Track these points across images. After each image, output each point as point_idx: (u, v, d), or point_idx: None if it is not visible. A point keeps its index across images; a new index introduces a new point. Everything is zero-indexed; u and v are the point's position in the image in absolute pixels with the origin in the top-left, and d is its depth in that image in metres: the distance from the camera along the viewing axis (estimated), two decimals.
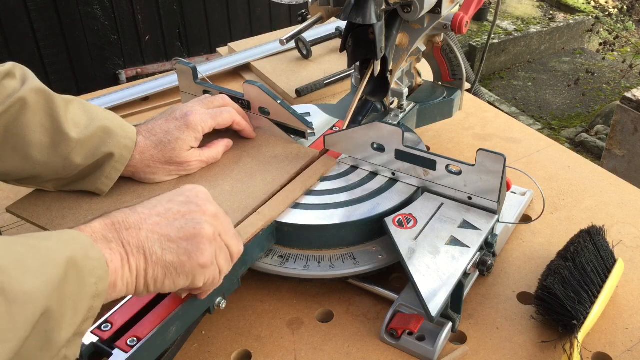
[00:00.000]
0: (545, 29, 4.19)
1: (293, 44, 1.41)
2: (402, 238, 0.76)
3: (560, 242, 0.84)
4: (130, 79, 3.09)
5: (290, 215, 0.80)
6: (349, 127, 0.93)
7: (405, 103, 1.04)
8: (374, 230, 0.81)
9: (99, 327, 0.64)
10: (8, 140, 0.75)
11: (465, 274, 0.73)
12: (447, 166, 0.80)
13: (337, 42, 1.43)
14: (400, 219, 0.79)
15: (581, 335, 0.73)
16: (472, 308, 0.80)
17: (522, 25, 4.47)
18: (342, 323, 0.79)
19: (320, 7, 0.96)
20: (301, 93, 1.26)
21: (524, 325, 0.78)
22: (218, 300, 0.73)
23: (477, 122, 1.20)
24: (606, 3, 4.92)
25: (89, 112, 0.81)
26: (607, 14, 4.83)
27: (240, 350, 0.76)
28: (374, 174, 0.87)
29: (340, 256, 0.81)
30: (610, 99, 3.65)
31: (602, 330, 0.76)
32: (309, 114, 1.02)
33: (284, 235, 0.80)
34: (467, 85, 1.37)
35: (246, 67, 1.42)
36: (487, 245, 0.77)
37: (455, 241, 0.75)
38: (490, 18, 4.46)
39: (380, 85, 0.97)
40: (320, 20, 0.98)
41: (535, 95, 3.76)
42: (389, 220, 0.78)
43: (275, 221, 0.79)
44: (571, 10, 4.76)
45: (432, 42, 1.04)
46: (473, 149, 1.02)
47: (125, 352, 0.62)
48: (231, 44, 1.52)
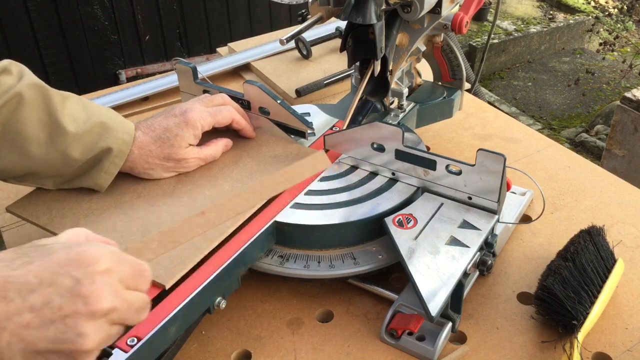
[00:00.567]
0: (545, 29, 4.19)
1: (293, 44, 1.41)
2: (402, 238, 0.76)
3: (560, 242, 0.84)
4: (130, 79, 3.09)
5: (290, 215, 0.80)
6: (349, 127, 0.93)
7: (405, 103, 1.04)
8: (374, 230, 0.81)
9: None
10: (5, 137, 0.75)
11: (465, 274, 0.73)
12: (447, 166, 0.80)
13: (337, 42, 1.43)
14: (400, 219, 0.79)
15: (581, 335, 0.73)
16: (472, 308, 0.80)
17: (522, 25, 4.47)
18: (342, 323, 0.79)
19: (320, 7, 0.96)
20: (301, 93, 1.26)
21: (524, 325, 0.78)
22: (218, 300, 0.73)
23: (477, 122, 1.20)
24: (606, 3, 4.92)
25: (87, 108, 0.80)
26: (607, 14, 4.83)
27: (240, 350, 0.76)
28: (374, 174, 0.87)
29: (340, 256, 0.81)
30: (610, 99, 3.65)
31: (602, 330, 0.76)
32: (309, 114, 1.02)
33: (284, 235, 0.80)
34: (467, 85, 1.37)
35: (246, 67, 1.42)
36: (487, 245, 0.77)
37: (455, 241, 0.75)
38: (490, 18, 4.47)
39: (380, 85, 0.97)
40: (320, 20, 0.98)
41: (535, 95, 3.76)
42: (389, 220, 0.78)
43: (275, 221, 0.79)
44: (571, 10, 4.76)
45: (432, 42, 1.04)
46: (473, 149, 1.02)
47: (125, 352, 0.62)
48: (231, 44, 1.52)
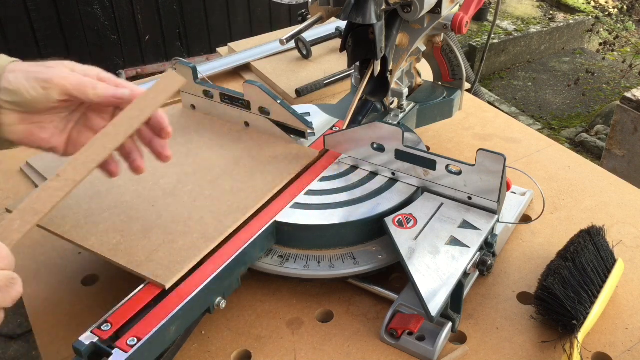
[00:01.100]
0: (545, 29, 4.19)
1: (293, 44, 1.41)
2: (402, 238, 0.76)
3: (560, 242, 0.84)
4: (130, 79, 3.09)
5: (290, 215, 0.80)
6: (349, 127, 0.93)
7: (405, 103, 1.04)
8: (374, 230, 0.81)
9: (99, 327, 0.64)
10: None
11: (465, 274, 0.73)
12: (447, 166, 0.80)
13: (337, 42, 1.43)
14: (400, 219, 0.79)
15: (581, 335, 0.73)
16: (472, 308, 0.80)
17: (522, 25, 4.47)
18: (342, 323, 0.79)
19: (320, 7, 0.96)
20: (301, 93, 1.26)
21: (524, 325, 0.78)
22: (218, 300, 0.73)
23: (477, 122, 1.20)
24: (606, 3, 4.92)
25: None
26: (607, 14, 4.83)
27: (240, 350, 0.76)
28: (374, 174, 0.87)
29: (340, 256, 0.81)
30: (610, 99, 3.65)
31: (602, 330, 0.76)
32: (309, 114, 1.02)
33: (284, 235, 0.80)
34: (467, 85, 1.37)
35: (246, 67, 1.42)
36: (487, 245, 0.77)
37: (455, 241, 0.75)
38: (490, 18, 4.46)
39: (380, 85, 0.97)
40: (320, 20, 0.98)
41: (535, 95, 3.76)
42: (389, 220, 0.78)
43: (275, 221, 0.79)
44: (571, 10, 4.76)
45: (432, 42, 1.04)
46: (473, 149, 1.02)
47: (125, 352, 0.62)
48: (231, 44, 1.52)
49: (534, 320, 0.78)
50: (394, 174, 0.86)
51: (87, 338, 0.63)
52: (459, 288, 0.72)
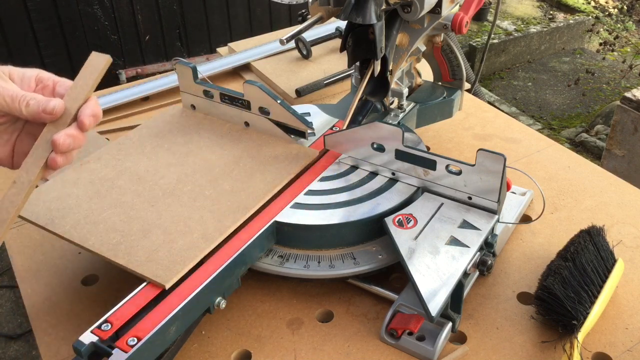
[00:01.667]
0: (545, 29, 4.19)
1: (293, 44, 1.41)
2: (402, 238, 0.76)
3: (560, 242, 0.84)
4: (130, 79, 3.09)
5: (290, 215, 0.80)
6: (349, 127, 0.93)
7: (405, 103, 1.04)
8: (374, 230, 0.81)
9: (99, 327, 0.64)
10: None
11: (465, 274, 0.73)
12: (447, 166, 0.80)
13: (337, 42, 1.43)
14: (400, 219, 0.79)
15: (581, 335, 0.73)
16: (472, 308, 0.80)
17: (522, 25, 4.47)
18: (342, 323, 0.79)
19: (320, 7, 0.96)
20: (301, 93, 1.26)
21: (524, 325, 0.78)
22: (218, 300, 0.73)
23: (477, 122, 1.20)
24: (606, 3, 4.92)
25: None
26: (607, 14, 4.83)
27: (240, 350, 0.76)
28: (374, 174, 0.87)
29: (340, 256, 0.81)
30: (610, 99, 3.65)
31: (602, 330, 0.76)
32: (309, 114, 1.02)
33: (284, 235, 0.80)
34: (467, 85, 1.37)
35: (246, 67, 1.42)
36: (487, 245, 0.77)
37: (455, 241, 0.75)
38: (490, 18, 4.46)
39: (380, 85, 0.97)
40: (320, 20, 0.98)
41: (535, 95, 3.75)
42: (389, 220, 0.78)
43: (275, 221, 0.79)
44: (571, 10, 4.76)
45: (432, 42, 1.04)
46: (473, 149, 1.02)
47: (125, 352, 0.62)
48: (231, 44, 1.52)
49: (534, 320, 0.78)
50: (394, 174, 0.86)
51: (87, 338, 0.63)
52: (459, 288, 0.72)
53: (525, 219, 0.94)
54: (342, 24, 1.05)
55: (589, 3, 4.89)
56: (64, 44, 2.92)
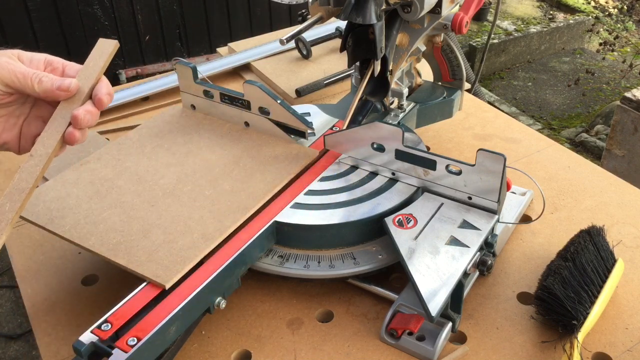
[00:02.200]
0: (545, 29, 4.19)
1: (293, 44, 1.41)
2: (402, 238, 0.76)
3: (560, 242, 0.84)
4: (130, 79, 3.09)
5: (290, 215, 0.80)
6: (349, 127, 0.93)
7: (405, 103, 1.04)
8: (374, 230, 0.81)
9: (99, 327, 0.64)
10: None
11: (465, 274, 0.73)
12: (447, 166, 0.80)
13: (337, 42, 1.43)
14: (400, 219, 0.79)
15: (581, 335, 0.73)
16: (472, 308, 0.80)
17: (522, 25, 4.47)
18: (342, 323, 0.79)
19: (320, 7, 0.96)
20: (301, 93, 1.26)
21: (524, 325, 0.78)
22: (218, 300, 0.73)
23: (477, 122, 1.20)
24: (606, 3, 4.92)
25: None
26: (607, 14, 4.82)
27: (240, 350, 0.76)
28: (374, 174, 0.87)
29: (340, 256, 0.81)
30: (610, 99, 3.65)
31: (602, 330, 0.76)
32: (309, 114, 1.02)
33: (284, 235, 0.80)
34: (467, 85, 1.37)
35: (246, 67, 1.42)
36: (487, 245, 0.77)
37: (455, 241, 0.75)
38: (490, 18, 4.46)
39: (380, 85, 0.97)
40: (320, 20, 0.98)
41: (535, 95, 3.75)
42: (389, 220, 0.78)
43: (275, 221, 0.79)
44: (571, 10, 4.76)
45: (432, 42, 1.04)
46: (473, 149, 1.02)
47: (125, 352, 0.62)
48: (231, 44, 1.52)
49: (534, 320, 0.78)
50: (394, 174, 0.86)
51: (87, 338, 0.63)
52: (459, 288, 0.72)
53: (525, 219, 0.94)
54: (342, 24, 1.05)
55: (589, 3, 4.89)
56: (64, 44, 2.92)
